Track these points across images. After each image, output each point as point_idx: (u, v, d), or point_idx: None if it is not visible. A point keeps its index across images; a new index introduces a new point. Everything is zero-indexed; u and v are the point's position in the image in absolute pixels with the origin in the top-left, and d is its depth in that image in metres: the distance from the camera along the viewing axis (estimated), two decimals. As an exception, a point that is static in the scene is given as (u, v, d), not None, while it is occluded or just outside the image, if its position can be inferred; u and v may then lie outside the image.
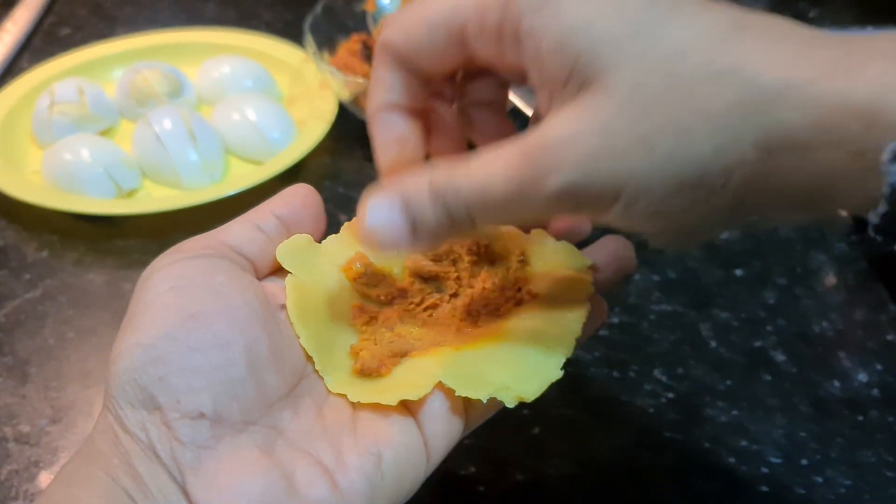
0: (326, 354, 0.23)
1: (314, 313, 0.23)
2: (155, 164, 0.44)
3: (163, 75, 0.49)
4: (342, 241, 0.25)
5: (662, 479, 0.31)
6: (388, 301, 0.24)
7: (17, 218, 0.43)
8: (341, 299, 0.24)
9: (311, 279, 0.24)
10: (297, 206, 0.24)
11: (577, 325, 0.23)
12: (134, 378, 0.20)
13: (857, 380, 0.35)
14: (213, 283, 0.21)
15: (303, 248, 0.24)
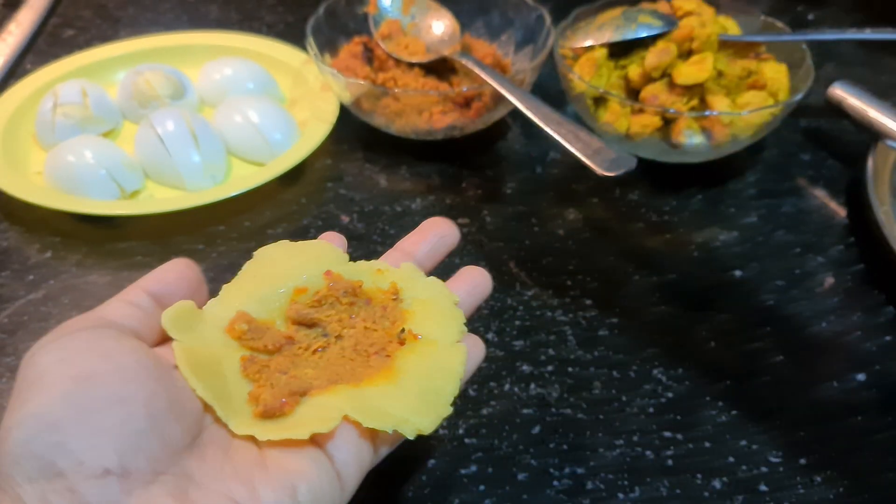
0: (226, 404, 0.23)
1: (206, 370, 0.24)
2: (157, 165, 0.45)
3: (165, 77, 0.49)
4: (223, 304, 0.26)
5: (663, 479, 0.31)
6: (276, 350, 0.25)
7: (19, 219, 0.43)
8: (230, 356, 0.25)
9: (196, 343, 0.24)
10: (170, 281, 0.25)
11: (460, 366, 0.26)
12: (30, 449, 0.19)
13: (855, 381, 0.35)
14: (101, 348, 0.21)
15: (186, 314, 0.25)
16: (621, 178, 0.37)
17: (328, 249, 0.29)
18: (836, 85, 0.49)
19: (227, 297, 0.26)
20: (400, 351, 0.26)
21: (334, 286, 0.27)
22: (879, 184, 0.44)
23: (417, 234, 0.31)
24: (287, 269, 0.28)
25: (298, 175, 0.46)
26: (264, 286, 0.27)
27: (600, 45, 0.47)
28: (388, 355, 0.26)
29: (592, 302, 0.39)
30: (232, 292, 0.26)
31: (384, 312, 0.27)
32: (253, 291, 0.27)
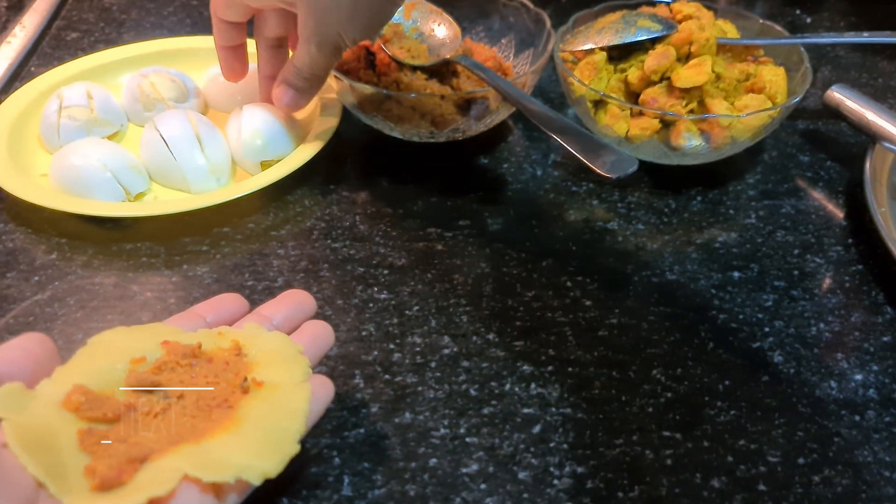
0: (60, 481, 0.23)
1: (39, 445, 0.23)
2: (162, 167, 0.45)
3: (170, 80, 0.50)
4: (56, 382, 0.25)
5: (662, 478, 0.31)
6: (115, 418, 0.25)
7: (25, 221, 0.44)
8: (67, 429, 0.24)
9: (29, 420, 0.24)
10: (11, 359, 0.25)
11: (304, 404, 0.26)
12: None
13: (854, 380, 0.35)
14: None
15: (15, 393, 0.24)
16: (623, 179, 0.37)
17: (165, 329, 0.29)
18: (833, 88, 0.49)
19: (61, 376, 0.26)
20: (244, 399, 0.26)
21: (172, 352, 0.27)
22: (877, 185, 0.44)
23: (276, 303, 0.32)
24: (123, 347, 0.27)
25: (302, 177, 0.46)
26: (100, 361, 0.26)
27: (600, 48, 0.47)
28: (230, 406, 0.26)
29: (592, 303, 0.39)
30: (66, 371, 0.26)
31: (227, 367, 0.27)
32: (89, 367, 0.26)
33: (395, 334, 0.37)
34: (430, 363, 0.36)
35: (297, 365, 0.28)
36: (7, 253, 0.42)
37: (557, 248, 0.43)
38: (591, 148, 0.38)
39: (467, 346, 0.37)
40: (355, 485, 0.31)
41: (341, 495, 0.30)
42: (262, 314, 0.31)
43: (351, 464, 0.31)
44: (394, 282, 0.40)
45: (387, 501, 0.30)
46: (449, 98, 0.46)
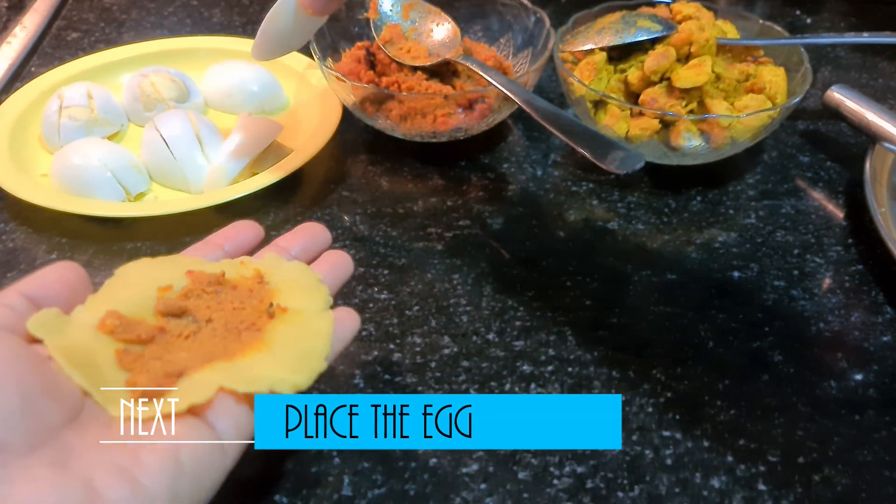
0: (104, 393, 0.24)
1: (81, 362, 0.24)
2: (163, 167, 0.45)
3: (170, 80, 0.50)
4: (89, 308, 0.26)
5: (663, 478, 0.31)
6: (149, 340, 0.26)
7: (26, 221, 0.44)
8: (104, 350, 0.25)
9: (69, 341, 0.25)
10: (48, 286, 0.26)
11: (328, 328, 0.28)
12: None
13: (854, 380, 0.35)
14: None
15: (53, 318, 0.25)
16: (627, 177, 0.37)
17: (188, 260, 0.30)
18: (833, 88, 0.50)
19: (94, 303, 0.26)
20: (270, 324, 0.27)
21: (197, 280, 0.28)
22: (877, 186, 0.44)
23: (292, 235, 0.32)
24: (150, 277, 0.28)
25: (303, 177, 0.46)
26: (129, 291, 0.27)
27: (600, 48, 0.47)
28: (258, 329, 0.27)
29: (592, 302, 0.39)
30: (98, 299, 0.27)
31: (251, 294, 0.28)
32: (119, 296, 0.27)
33: (395, 334, 0.37)
34: (430, 363, 0.36)
35: (317, 293, 0.29)
36: (8, 252, 0.42)
37: (557, 248, 0.43)
38: (599, 145, 0.37)
39: (467, 345, 0.37)
40: (355, 484, 0.31)
41: (341, 495, 0.30)
42: (280, 245, 0.32)
43: (351, 463, 0.31)
44: (394, 282, 0.40)
45: (386, 501, 0.30)
46: (451, 98, 0.46)
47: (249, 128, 0.46)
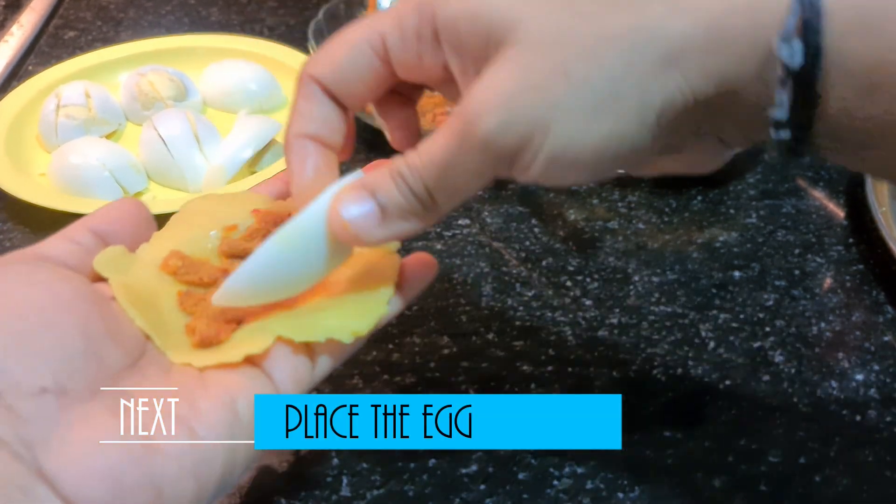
0: (164, 335, 0.23)
1: (143, 303, 0.24)
2: (160, 167, 0.45)
3: (168, 79, 0.50)
4: (154, 247, 0.26)
5: (663, 478, 0.31)
6: (211, 283, 0.25)
7: (24, 220, 0.44)
8: (166, 291, 0.25)
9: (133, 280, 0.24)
10: (114, 222, 0.25)
11: (392, 271, 0.26)
12: None
13: (855, 380, 0.35)
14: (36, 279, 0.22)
15: (118, 256, 0.25)
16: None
17: (255, 197, 0.29)
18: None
19: (158, 241, 0.26)
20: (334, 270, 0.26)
21: (263, 220, 0.27)
22: (878, 185, 0.44)
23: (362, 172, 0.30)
24: (216, 215, 0.28)
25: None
26: (194, 230, 0.27)
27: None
28: None
29: (592, 302, 0.39)
30: (163, 237, 0.26)
31: None
32: (183, 234, 0.27)
33: (394, 334, 0.37)
34: (429, 363, 0.36)
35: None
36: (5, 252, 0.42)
37: (557, 248, 0.43)
38: None
39: (467, 346, 0.37)
40: (354, 485, 0.31)
41: (340, 495, 0.30)
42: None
43: (350, 464, 0.31)
44: (393, 281, 0.40)
45: (386, 502, 0.30)
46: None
47: (248, 127, 0.46)
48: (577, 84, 0.20)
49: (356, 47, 0.23)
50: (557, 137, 0.20)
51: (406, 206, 0.22)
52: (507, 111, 0.20)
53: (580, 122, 0.20)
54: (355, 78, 0.24)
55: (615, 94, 0.20)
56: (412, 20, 0.22)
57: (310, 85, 0.24)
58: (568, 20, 0.20)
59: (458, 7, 0.21)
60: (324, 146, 0.24)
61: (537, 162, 0.20)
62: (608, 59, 0.19)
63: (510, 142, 0.20)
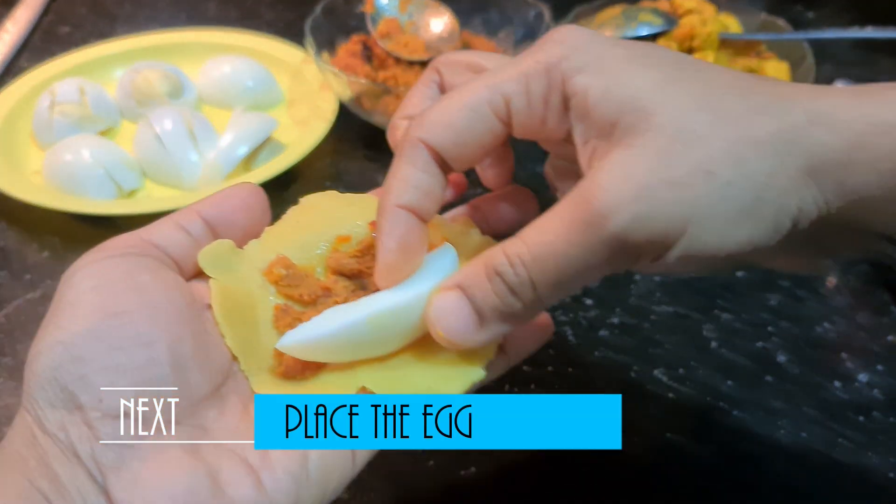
0: (251, 355, 0.23)
1: (239, 315, 0.23)
2: (156, 164, 0.44)
3: (164, 75, 0.49)
4: (264, 245, 0.25)
5: (664, 480, 0.31)
6: (311, 301, 0.24)
7: (18, 219, 0.43)
8: (265, 302, 0.24)
9: (234, 283, 0.24)
10: (228, 210, 0.24)
11: None
12: (54, 377, 0.19)
13: (860, 381, 0.35)
14: (136, 281, 0.21)
15: (224, 253, 0.24)
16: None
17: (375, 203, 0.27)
18: (836, 83, 0.49)
19: (269, 240, 0.25)
20: None
21: None
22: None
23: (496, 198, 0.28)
24: (332, 217, 0.26)
25: (297, 174, 0.46)
26: (307, 232, 0.26)
27: (601, 43, 0.47)
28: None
29: (593, 301, 0.39)
30: (273, 235, 0.25)
31: None
32: (295, 236, 0.25)
33: (393, 334, 0.37)
34: (428, 363, 0.35)
35: None
36: (-2, 251, 0.41)
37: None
38: None
39: (467, 345, 0.36)
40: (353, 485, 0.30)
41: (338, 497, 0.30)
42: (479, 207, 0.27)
43: (348, 467, 0.31)
44: (392, 280, 0.40)
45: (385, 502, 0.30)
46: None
47: (244, 124, 0.45)
48: (721, 186, 0.19)
49: (476, 110, 0.22)
50: (694, 238, 0.19)
51: (506, 309, 0.20)
52: (644, 205, 0.18)
53: (720, 225, 0.19)
54: (473, 142, 0.22)
55: (758, 200, 0.19)
56: (541, 85, 0.21)
57: (418, 149, 0.22)
58: (710, 118, 0.19)
59: (591, 79, 0.20)
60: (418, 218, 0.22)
61: (666, 259, 0.19)
62: (752, 164, 0.19)
63: (643, 238, 0.19)
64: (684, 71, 0.20)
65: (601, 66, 0.20)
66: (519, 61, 0.22)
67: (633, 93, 0.20)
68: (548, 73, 0.21)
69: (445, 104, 0.22)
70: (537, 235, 0.20)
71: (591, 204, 0.19)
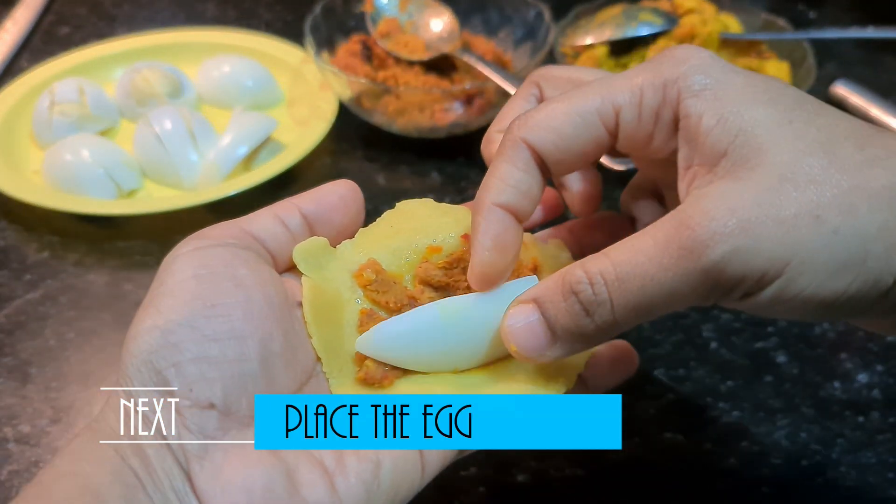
0: (335, 358, 0.23)
1: (327, 315, 0.23)
2: (155, 164, 0.44)
3: (163, 75, 0.49)
4: (357, 247, 0.25)
5: (664, 480, 0.31)
6: (397, 309, 0.24)
7: (17, 218, 0.43)
8: (352, 304, 0.24)
9: (325, 282, 0.24)
10: (327, 207, 0.24)
11: (580, 359, 0.24)
12: (150, 360, 0.20)
13: (858, 381, 0.35)
14: (234, 274, 0.21)
15: (318, 251, 0.24)
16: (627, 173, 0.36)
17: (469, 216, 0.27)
18: (837, 83, 0.49)
19: (362, 242, 0.25)
20: None
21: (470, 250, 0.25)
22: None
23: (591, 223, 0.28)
24: (426, 225, 0.26)
25: (297, 174, 0.46)
26: (400, 237, 0.25)
27: (601, 42, 0.47)
28: None
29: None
30: (367, 237, 0.25)
31: None
32: (388, 240, 0.25)
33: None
34: (428, 363, 0.35)
35: None
36: (-3, 251, 0.41)
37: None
38: None
39: (466, 345, 0.36)
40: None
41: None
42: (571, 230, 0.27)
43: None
44: (391, 280, 0.40)
45: None
46: (450, 92, 0.45)
47: (243, 124, 0.45)
48: (828, 232, 0.18)
49: (585, 117, 0.21)
50: (792, 281, 0.18)
51: (577, 330, 0.20)
52: (747, 239, 0.18)
53: (821, 272, 0.18)
54: (577, 148, 0.22)
55: (864, 253, 0.18)
56: (655, 100, 0.21)
57: (521, 149, 0.22)
58: (824, 163, 0.19)
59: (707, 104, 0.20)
60: (514, 218, 0.22)
61: (760, 299, 0.19)
62: (863, 215, 0.18)
63: (739, 272, 0.18)
64: (803, 111, 0.20)
65: (719, 92, 0.20)
66: (633, 75, 0.21)
67: (749, 127, 0.19)
68: (665, 88, 0.21)
69: (553, 107, 0.22)
70: (626, 254, 0.19)
71: (692, 230, 0.18)
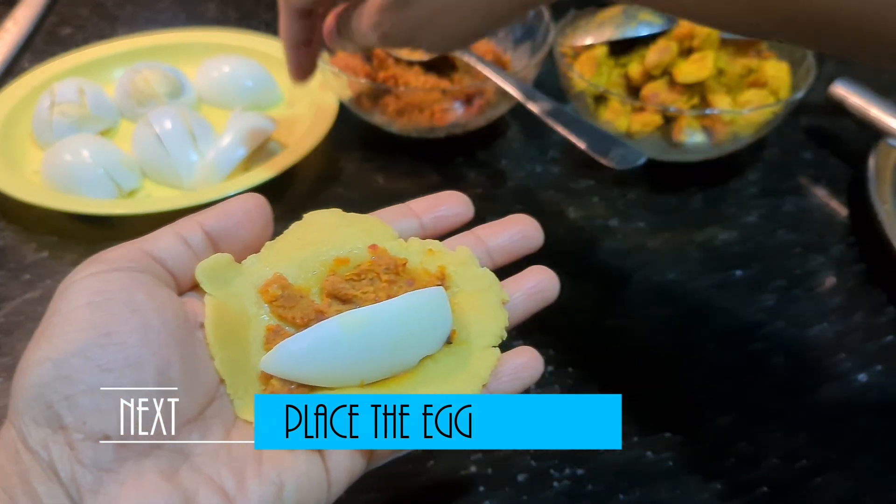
0: (240, 378, 0.23)
1: (232, 334, 0.23)
2: (155, 164, 0.44)
3: (163, 75, 0.49)
4: (263, 261, 0.25)
5: (662, 481, 0.31)
6: (303, 324, 0.24)
7: (16, 218, 0.43)
8: (258, 321, 0.24)
9: (230, 299, 0.23)
10: (231, 222, 0.24)
11: (486, 370, 0.24)
12: (41, 394, 0.19)
13: (856, 382, 0.35)
14: (131, 299, 0.21)
15: (222, 268, 0.24)
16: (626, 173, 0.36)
17: (379, 225, 0.27)
18: (837, 83, 0.49)
19: (268, 256, 0.25)
20: None
21: (377, 261, 0.25)
22: (881, 182, 0.43)
23: (500, 225, 0.28)
24: (333, 236, 0.26)
25: (297, 174, 0.46)
26: (306, 250, 0.25)
27: (600, 42, 0.47)
28: None
29: (591, 302, 0.39)
30: (273, 251, 0.25)
31: None
32: (295, 253, 0.25)
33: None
34: (426, 363, 0.35)
35: (493, 321, 0.25)
36: (-2, 251, 0.41)
37: (556, 247, 0.42)
38: (599, 141, 0.37)
39: (465, 345, 0.36)
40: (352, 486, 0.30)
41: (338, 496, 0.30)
42: (479, 236, 0.27)
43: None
44: (390, 280, 0.40)
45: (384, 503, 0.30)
46: (449, 92, 0.45)
47: (243, 124, 0.45)
48: None
49: None
50: None
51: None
52: None
53: None
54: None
55: None
56: None
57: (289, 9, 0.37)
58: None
59: None
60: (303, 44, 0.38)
61: None
62: None
63: None
64: None
65: None
66: None
67: None
68: None
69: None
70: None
71: None
